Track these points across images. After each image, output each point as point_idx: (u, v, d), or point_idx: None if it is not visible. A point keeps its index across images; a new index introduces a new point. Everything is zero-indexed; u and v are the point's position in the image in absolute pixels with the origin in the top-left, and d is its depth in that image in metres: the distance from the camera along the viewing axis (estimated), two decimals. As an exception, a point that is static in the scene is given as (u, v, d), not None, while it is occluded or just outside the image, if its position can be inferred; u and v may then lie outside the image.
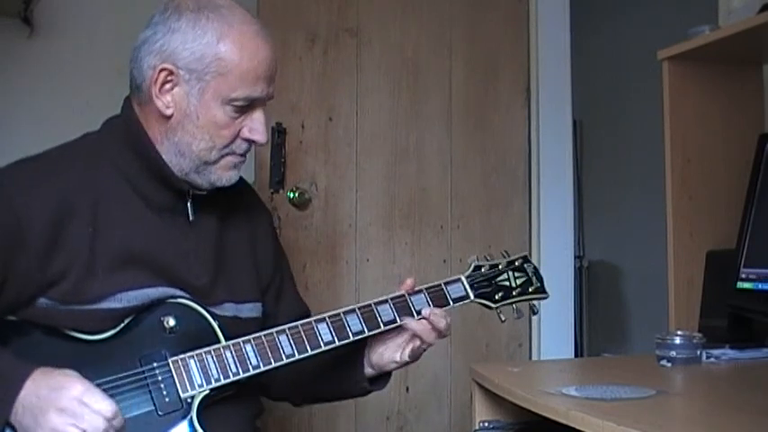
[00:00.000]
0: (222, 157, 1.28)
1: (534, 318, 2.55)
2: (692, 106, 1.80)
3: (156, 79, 1.24)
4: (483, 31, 2.57)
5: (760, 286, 1.51)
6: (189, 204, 1.31)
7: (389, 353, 1.38)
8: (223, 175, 1.30)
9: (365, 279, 2.41)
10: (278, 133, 2.30)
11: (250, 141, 1.29)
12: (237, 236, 1.41)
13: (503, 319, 1.45)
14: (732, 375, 1.43)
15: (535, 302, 1.49)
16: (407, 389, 2.43)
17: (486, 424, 1.44)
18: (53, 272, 1.19)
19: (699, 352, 1.47)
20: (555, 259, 2.58)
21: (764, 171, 1.59)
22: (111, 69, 2.15)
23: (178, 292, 1.26)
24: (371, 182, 2.43)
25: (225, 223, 1.39)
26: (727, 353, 1.52)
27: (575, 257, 2.90)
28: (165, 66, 1.23)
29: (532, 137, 2.60)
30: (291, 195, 2.32)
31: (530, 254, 2.56)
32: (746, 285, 1.55)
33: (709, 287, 1.72)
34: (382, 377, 1.44)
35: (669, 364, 1.45)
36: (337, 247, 2.39)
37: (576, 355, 2.96)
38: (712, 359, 1.50)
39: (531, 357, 2.54)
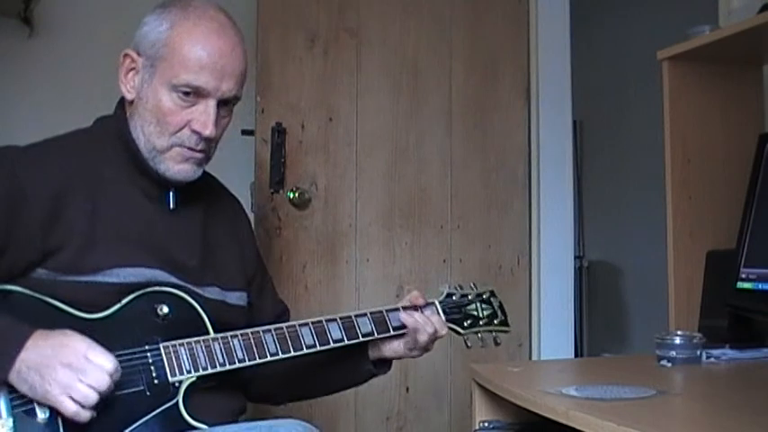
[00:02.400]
0: (172, 146, 1.33)
1: (534, 318, 2.55)
2: (691, 106, 1.80)
3: (123, 64, 1.34)
4: (483, 31, 2.57)
5: (760, 286, 1.51)
6: (171, 194, 1.37)
7: (394, 341, 1.47)
8: (172, 167, 1.34)
9: (365, 279, 2.41)
10: (278, 133, 2.29)
11: (196, 133, 1.32)
12: (222, 232, 1.48)
13: (469, 345, 1.56)
14: (732, 375, 1.43)
15: (498, 334, 1.59)
16: (407, 389, 2.43)
17: (486, 424, 1.44)
18: (52, 242, 1.24)
19: (699, 352, 1.47)
20: (555, 259, 2.58)
21: (764, 171, 1.59)
22: (111, 69, 2.14)
23: (172, 278, 1.32)
24: (371, 182, 2.43)
25: (209, 219, 1.45)
26: (727, 353, 1.52)
27: (575, 257, 2.90)
28: (128, 52, 1.34)
29: (532, 137, 2.60)
30: (291, 195, 2.32)
31: (530, 254, 2.59)
32: (746, 285, 1.55)
33: (709, 287, 1.72)
34: (384, 363, 1.52)
35: (669, 364, 1.45)
36: (337, 247, 2.39)
37: (575, 355, 2.96)
38: (712, 359, 1.50)
39: (531, 357, 2.54)
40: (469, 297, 1.57)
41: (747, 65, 1.83)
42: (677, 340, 1.46)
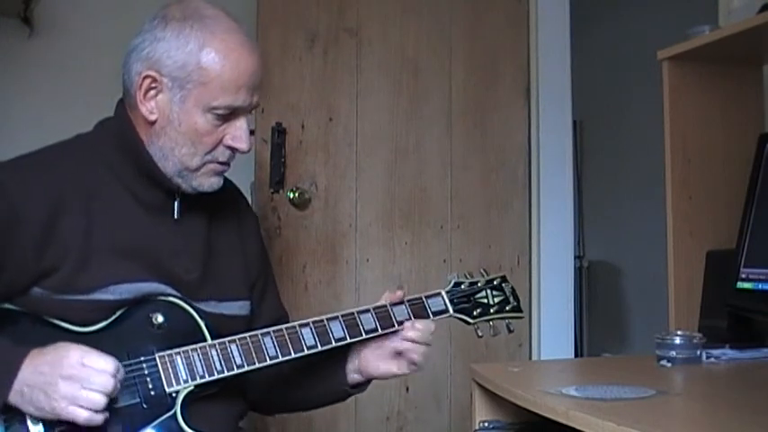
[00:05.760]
0: (204, 164, 1.31)
1: (534, 318, 2.55)
2: (692, 106, 1.79)
3: (141, 86, 1.28)
4: (483, 31, 2.57)
5: (760, 286, 1.51)
6: (176, 204, 1.35)
7: (383, 363, 1.42)
8: (205, 182, 1.33)
9: (365, 279, 2.41)
10: (278, 133, 2.29)
11: (232, 149, 1.32)
12: (226, 236, 1.44)
13: (480, 334, 1.50)
14: (732, 375, 1.43)
15: (511, 321, 1.53)
16: (407, 389, 2.43)
17: (486, 424, 1.44)
18: (47, 263, 1.22)
19: (699, 352, 1.47)
20: (555, 259, 2.58)
21: (764, 171, 1.59)
22: (111, 69, 2.14)
23: (169, 290, 1.29)
24: (371, 182, 2.43)
25: (213, 223, 1.42)
26: (727, 353, 1.52)
27: (575, 257, 2.90)
28: (149, 73, 1.27)
29: (532, 137, 2.60)
30: (291, 195, 2.32)
31: (530, 254, 2.59)
32: (746, 285, 1.55)
33: (709, 287, 1.72)
34: (363, 382, 1.47)
35: (669, 364, 1.45)
36: (337, 247, 2.39)
37: (575, 355, 2.96)
38: (712, 359, 1.50)
39: (531, 357, 2.54)
40: (479, 285, 1.51)
41: (747, 65, 1.83)
42: (677, 340, 1.46)
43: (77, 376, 1.12)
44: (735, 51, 1.72)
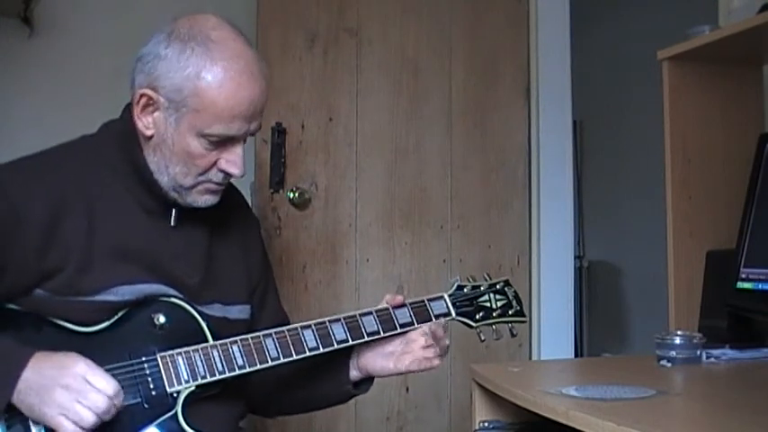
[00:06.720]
0: (198, 183, 1.30)
1: (534, 318, 2.55)
2: (692, 106, 1.80)
3: (138, 102, 1.27)
4: (483, 31, 2.57)
5: (760, 286, 1.51)
6: (173, 211, 1.34)
7: (381, 360, 1.41)
8: (199, 199, 1.32)
9: (365, 279, 2.41)
10: (278, 133, 2.30)
11: (225, 173, 1.30)
12: (228, 241, 1.44)
13: (482, 338, 1.51)
14: (732, 375, 1.43)
15: (514, 325, 1.53)
16: (407, 389, 2.43)
17: (486, 424, 1.44)
18: (49, 264, 1.22)
19: (699, 352, 1.47)
20: (555, 259, 2.58)
21: (764, 171, 1.59)
22: (111, 69, 2.16)
23: (171, 291, 1.29)
24: (371, 182, 2.43)
25: (215, 228, 1.41)
26: (727, 353, 1.52)
27: (575, 257, 2.90)
28: (146, 92, 1.25)
29: (532, 137, 2.60)
30: (291, 195, 2.32)
31: (530, 254, 2.59)
32: (746, 285, 1.55)
33: (709, 287, 1.72)
34: (365, 382, 1.47)
35: (669, 364, 1.45)
36: (337, 247, 2.39)
37: (575, 355, 2.96)
38: (712, 359, 1.50)
39: (531, 357, 2.55)
40: (482, 288, 1.51)
41: (747, 65, 1.83)
42: (677, 340, 1.46)
43: (75, 388, 1.12)
44: (735, 51, 1.72)
